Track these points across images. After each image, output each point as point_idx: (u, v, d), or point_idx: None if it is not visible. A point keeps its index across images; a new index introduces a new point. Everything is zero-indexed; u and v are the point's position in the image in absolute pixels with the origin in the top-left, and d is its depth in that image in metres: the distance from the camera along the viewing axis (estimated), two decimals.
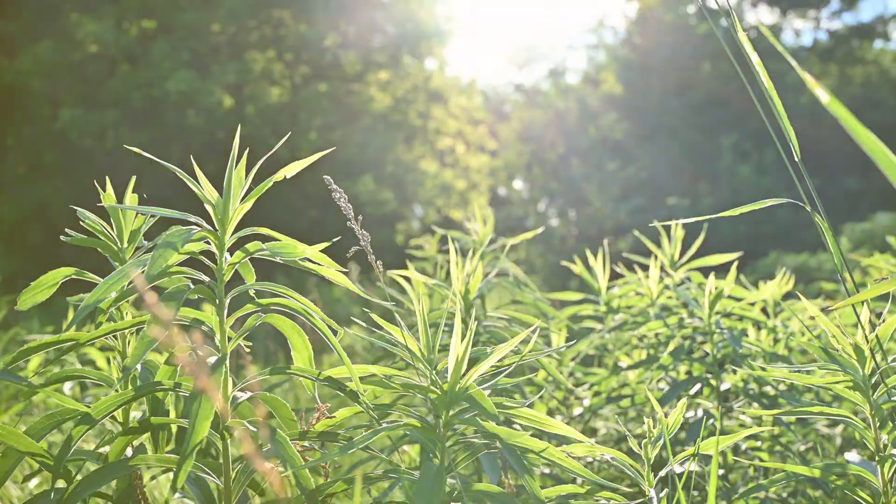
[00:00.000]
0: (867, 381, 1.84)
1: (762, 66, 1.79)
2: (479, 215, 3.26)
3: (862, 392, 1.84)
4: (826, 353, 1.92)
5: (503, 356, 1.58)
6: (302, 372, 1.63)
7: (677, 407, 1.81)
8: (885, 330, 1.88)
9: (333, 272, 1.61)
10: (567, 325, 3.62)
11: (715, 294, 2.81)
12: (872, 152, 1.03)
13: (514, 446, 1.54)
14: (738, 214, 1.87)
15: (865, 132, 1.03)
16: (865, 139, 1.03)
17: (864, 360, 1.84)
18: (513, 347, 1.61)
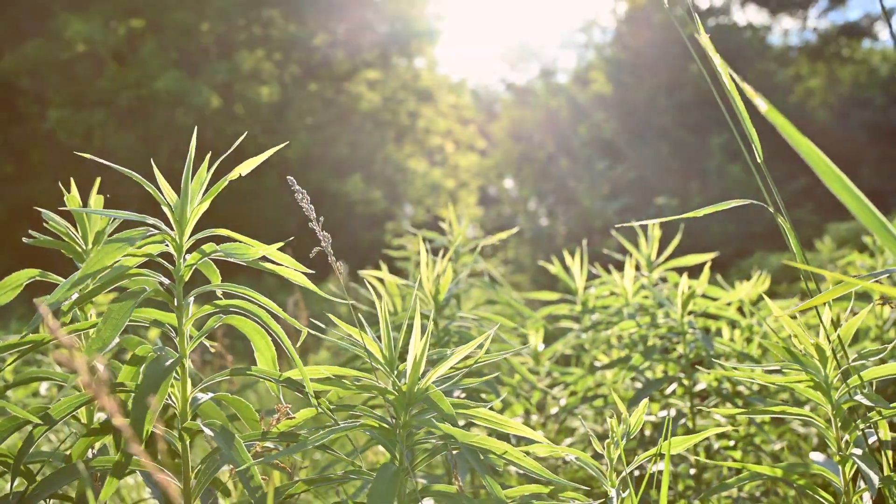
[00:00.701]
0: (829, 381, 1.85)
1: (725, 66, 1.79)
2: (453, 215, 3.26)
3: (823, 392, 1.85)
4: (790, 354, 1.93)
5: (463, 357, 1.58)
6: (262, 373, 1.63)
7: (639, 407, 1.82)
8: (847, 330, 1.89)
9: (292, 272, 1.61)
10: (545, 325, 3.62)
11: (687, 294, 2.82)
12: (810, 160, 1.04)
13: (473, 446, 1.54)
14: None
15: (803, 140, 1.03)
16: (804, 147, 1.04)
17: (825, 361, 1.84)
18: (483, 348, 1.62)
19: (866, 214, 1.02)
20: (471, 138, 28.45)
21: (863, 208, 1.03)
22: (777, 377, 1.91)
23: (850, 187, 1.03)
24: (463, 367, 1.71)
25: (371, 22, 25.54)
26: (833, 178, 1.04)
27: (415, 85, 26.29)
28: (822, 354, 1.85)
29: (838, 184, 1.04)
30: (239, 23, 23.09)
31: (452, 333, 2.34)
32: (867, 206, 1.03)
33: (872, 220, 1.02)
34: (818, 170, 1.03)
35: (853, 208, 1.04)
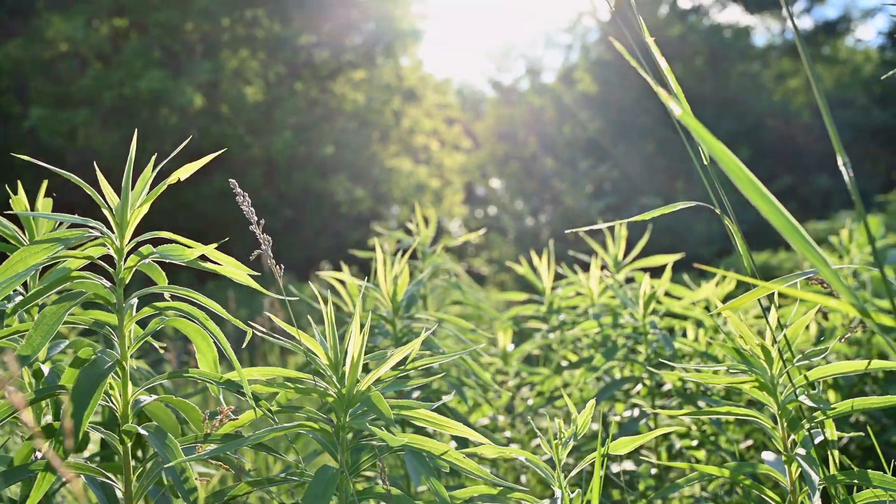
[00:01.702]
0: (775, 380, 1.86)
1: (670, 70, 1.80)
2: (420, 216, 3.26)
3: (769, 392, 1.86)
4: (739, 354, 1.94)
5: (403, 358, 1.59)
6: (202, 375, 1.63)
7: (586, 409, 1.82)
8: (794, 330, 1.90)
9: (234, 271, 1.61)
10: (517, 326, 3.63)
11: (648, 295, 2.82)
12: (725, 164, 1.04)
13: (411, 447, 1.54)
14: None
15: (717, 144, 1.04)
16: (718, 151, 1.04)
17: (770, 360, 1.86)
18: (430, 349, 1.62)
19: (779, 219, 1.03)
20: (456, 138, 28.45)
21: (776, 213, 1.03)
22: (718, 377, 1.92)
23: (763, 193, 1.04)
24: (411, 368, 1.71)
25: (356, 21, 25.51)
26: (747, 182, 1.04)
27: (400, 84, 26.27)
28: (768, 355, 1.86)
29: (752, 189, 1.04)
30: (223, 22, 23.02)
31: (412, 335, 2.34)
32: (780, 211, 1.04)
33: (785, 225, 1.03)
34: (732, 174, 1.04)
35: (766, 213, 1.04)
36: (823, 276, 1.14)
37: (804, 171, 29.39)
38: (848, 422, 3.59)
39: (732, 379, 1.87)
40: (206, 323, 1.57)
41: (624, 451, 1.82)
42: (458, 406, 3.24)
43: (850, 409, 1.81)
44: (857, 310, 1.07)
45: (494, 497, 1.75)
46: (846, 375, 3.53)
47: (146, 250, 1.58)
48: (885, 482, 1.69)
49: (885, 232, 7.83)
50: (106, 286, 1.60)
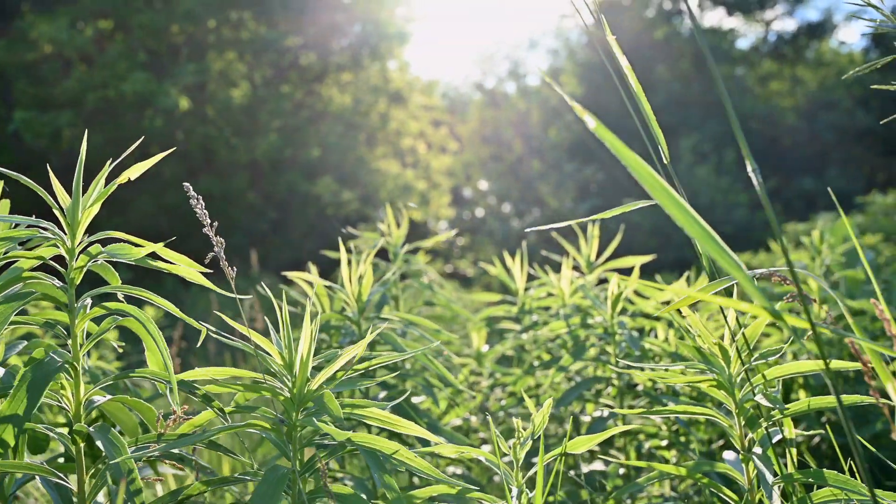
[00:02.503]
0: (733, 379, 1.86)
1: (632, 71, 1.80)
2: (391, 218, 3.25)
3: (727, 391, 1.86)
4: (699, 353, 1.94)
5: (361, 358, 1.59)
6: (152, 375, 1.62)
7: (543, 409, 1.82)
8: (753, 330, 1.90)
9: (188, 270, 1.61)
10: (491, 326, 3.63)
11: (616, 295, 2.83)
12: (638, 174, 1.04)
13: (363, 446, 1.54)
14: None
15: (631, 155, 1.04)
16: (632, 162, 1.04)
17: (728, 360, 1.86)
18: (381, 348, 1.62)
19: (693, 227, 1.03)
20: (443, 140, 28.46)
21: (691, 222, 1.04)
22: (677, 376, 1.93)
23: (678, 202, 1.04)
24: (364, 368, 1.71)
25: (342, 24, 25.50)
26: (662, 192, 1.04)
27: (386, 87, 26.27)
28: (725, 354, 1.86)
29: (668, 199, 1.04)
30: (209, 24, 22.98)
31: (378, 336, 2.33)
32: (695, 218, 1.04)
33: (700, 232, 1.03)
34: (648, 186, 1.04)
35: (681, 221, 1.04)
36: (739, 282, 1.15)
37: (788, 173, 29.51)
38: (820, 421, 3.60)
39: (689, 378, 1.87)
40: (146, 324, 1.56)
41: (581, 450, 1.83)
42: (433, 407, 3.24)
43: (806, 408, 1.81)
44: (769, 313, 1.07)
45: (454, 497, 1.75)
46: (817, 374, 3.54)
47: (95, 250, 1.57)
48: (839, 481, 1.70)
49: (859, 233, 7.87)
50: (58, 286, 1.59)
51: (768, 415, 1.84)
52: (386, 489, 1.62)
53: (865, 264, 1.32)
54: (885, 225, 8.08)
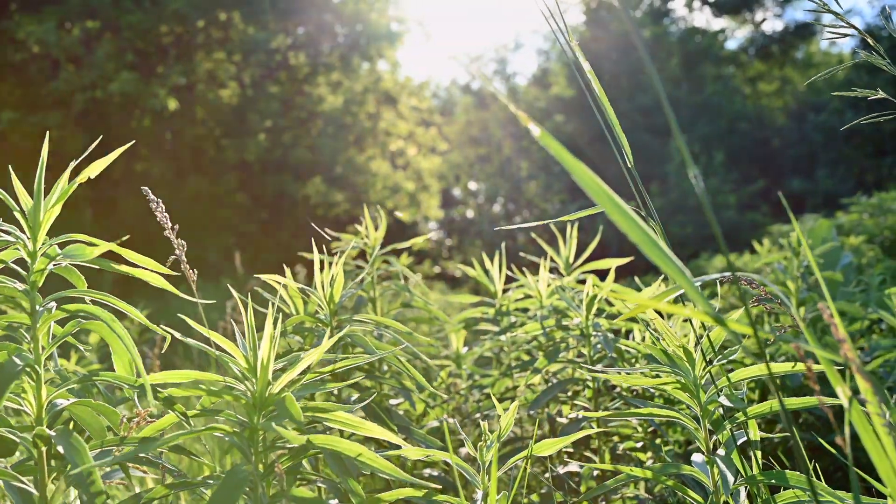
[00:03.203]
0: (697, 382, 1.87)
1: (594, 74, 1.81)
2: (369, 220, 3.26)
3: (691, 393, 1.87)
4: (666, 355, 1.95)
5: (311, 363, 1.59)
6: (116, 378, 1.62)
7: (509, 412, 1.83)
8: (718, 333, 1.91)
9: (149, 273, 1.61)
10: (468, 327, 3.64)
11: (591, 297, 2.84)
12: (584, 183, 1.05)
13: (327, 448, 1.55)
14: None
15: (577, 164, 1.04)
16: (577, 170, 1.05)
17: (692, 362, 1.87)
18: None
19: (637, 233, 1.04)
20: (433, 141, 28.47)
21: (634, 227, 1.04)
22: (644, 379, 1.93)
23: (623, 209, 1.05)
24: (329, 371, 1.72)
25: (331, 25, 25.49)
26: (607, 200, 1.05)
27: (375, 87, 26.27)
28: (689, 356, 1.87)
29: (612, 206, 1.05)
30: (197, 25, 22.94)
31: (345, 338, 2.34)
32: (638, 225, 1.05)
33: (642, 238, 1.04)
34: (593, 194, 1.04)
35: (625, 228, 1.05)
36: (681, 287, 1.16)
37: (777, 174, 29.63)
38: (797, 422, 3.62)
39: (652, 381, 1.88)
40: (112, 325, 1.56)
41: (547, 453, 1.83)
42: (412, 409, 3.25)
43: (768, 410, 1.82)
44: (712, 318, 1.08)
45: (421, 499, 1.75)
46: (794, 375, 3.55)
47: (52, 252, 1.57)
48: (801, 482, 1.71)
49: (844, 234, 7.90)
50: (20, 289, 1.59)
51: (732, 417, 1.85)
52: (350, 493, 1.63)
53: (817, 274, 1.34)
54: (869, 226, 8.11)
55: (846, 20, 2.04)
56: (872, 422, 1.21)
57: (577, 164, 1.02)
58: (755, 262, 7.15)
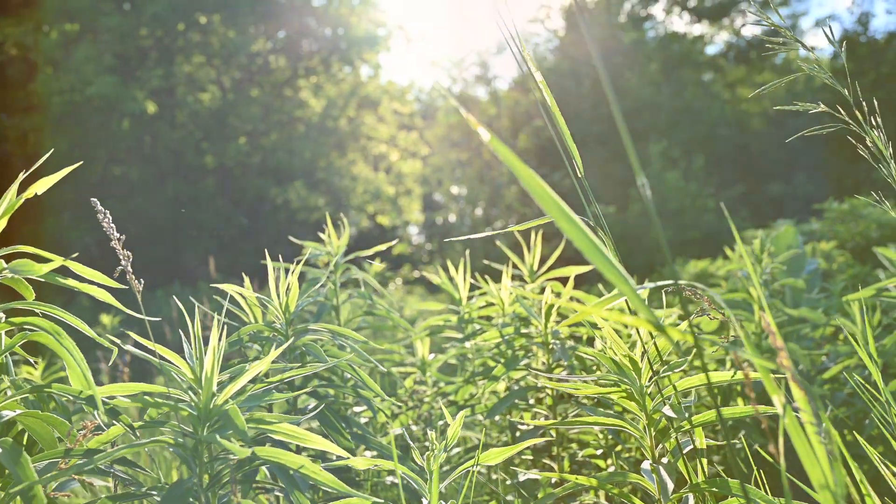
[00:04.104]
0: (643, 391, 1.89)
1: (545, 84, 1.83)
2: (331, 228, 3.27)
3: (637, 402, 1.89)
4: (615, 364, 1.98)
5: (256, 373, 1.60)
6: (65, 391, 1.63)
7: (456, 420, 1.85)
8: (665, 342, 1.94)
9: (91, 287, 1.62)
10: (434, 335, 3.65)
11: (549, 305, 2.86)
12: (533, 191, 1.07)
13: (273, 461, 1.56)
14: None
15: (525, 169, 1.06)
16: (524, 175, 1.07)
17: (638, 371, 1.89)
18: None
19: (582, 240, 1.06)
20: (413, 145, 28.47)
21: (579, 234, 1.06)
22: (592, 388, 1.95)
23: (569, 216, 1.07)
24: (277, 381, 1.73)
25: (311, 28, 25.47)
26: (553, 206, 1.07)
27: (357, 91, 26.26)
28: (636, 365, 1.90)
29: (558, 212, 1.07)
30: (177, 28, 22.88)
31: (300, 348, 2.35)
32: (584, 232, 1.07)
33: (587, 245, 1.06)
34: (540, 200, 1.06)
35: (571, 235, 1.07)
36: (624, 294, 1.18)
37: (757, 179, 29.79)
38: (760, 429, 3.65)
39: (600, 389, 1.91)
40: (60, 339, 1.57)
41: (494, 462, 1.85)
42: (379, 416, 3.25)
43: (714, 418, 1.85)
44: (653, 326, 1.10)
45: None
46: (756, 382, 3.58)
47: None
48: (757, 495, 1.73)
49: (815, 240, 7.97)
50: None
51: (678, 426, 1.87)
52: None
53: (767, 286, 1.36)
54: (841, 232, 8.18)
55: (790, 33, 2.07)
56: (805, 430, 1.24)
57: (526, 170, 1.04)
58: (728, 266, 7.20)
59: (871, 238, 7.97)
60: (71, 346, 1.58)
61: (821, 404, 1.64)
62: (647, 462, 2.07)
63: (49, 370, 4.43)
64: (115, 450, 1.50)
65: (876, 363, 3.25)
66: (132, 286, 1.58)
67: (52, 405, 2.24)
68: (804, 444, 1.21)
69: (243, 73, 24.71)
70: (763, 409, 1.61)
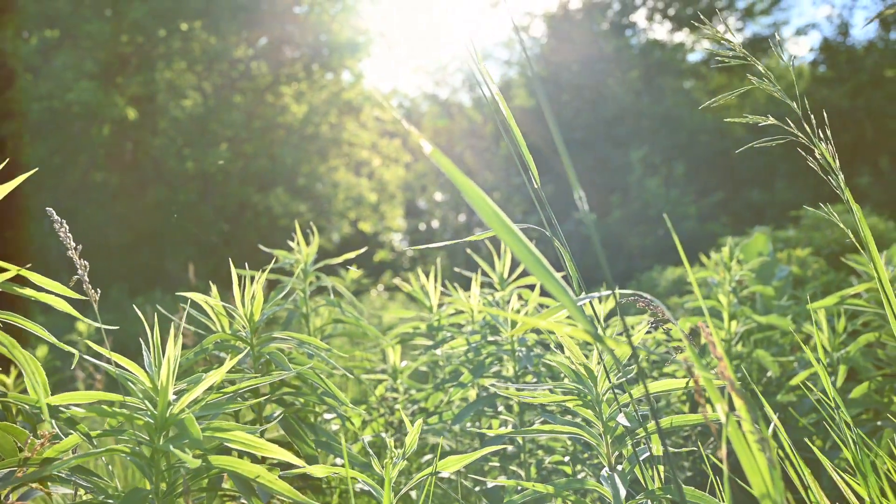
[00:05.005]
0: (599, 399, 1.92)
1: (501, 96, 1.85)
2: (300, 236, 3.28)
3: (594, 409, 1.92)
4: (573, 372, 2.00)
5: (212, 382, 1.61)
6: (20, 399, 1.64)
7: (414, 428, 1.87)
8: (623, 350, 1.96)
9: (49, 296, 1.62)
10: (402, 342, 3.67)
11: (515, 311, 2.88)
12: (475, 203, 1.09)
13: (227, 469, 1.57)
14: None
15: (467, 182, 1.08)
16: (463, 184, 1.09)
17: (594, 379, 1.92)
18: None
19: (522, 251, 1.08)
20: (396, 152, 28.49)
21: (519, 245, 1.09)
22: (550, 396, 1.98)
23: (509, 227, 1.09)
24: (233, 391, 1.74)
25: (292, 35, 25.46)
26: (493, 218, 1.09)
27: (339, 98, 26.25)
28: (591, 373, 1.92)
29: (498, 223, 1.09)
30: (159, 34, 22.82)
31: (265, 356, 2.36)
32: (524, 243, 1.09)
33: (527, 256, 1.08)
34: (481, 213, 1.08)
35: (511, 245, 1.09)
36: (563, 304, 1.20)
37: (737, 186, 29.97)
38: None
39: (555, 398, 1.93)
40: (12, 349, 1.58)
41: (451, 470, 1.87)
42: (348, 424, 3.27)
43: (669, 425, 1.87)
44: (591, 335, 1.12)
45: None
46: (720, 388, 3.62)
47: None
48: (696, 496, 1.76)
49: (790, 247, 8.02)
50: None
51: (633, 433, 1.90)
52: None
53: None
54: (816, 238, 8.24)
55: (736, 45, 2.10)
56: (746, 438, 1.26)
57: (468, 182, 1.06)
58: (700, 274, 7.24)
59: (846, 245, 8.03)
60: (26, 356, 1.59)
61: (760, 414, 1.67)
62: (605, 469, 2.10)
63: (21, 378, 4.43)
64: (69, 458, 1.52)
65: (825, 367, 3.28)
66: (90, 296, 1.60)
67: (20, 417, 2.25)
68: (745, 450, 1.24)
69: (225, 80, 24.68)
70: (712, 416, 1.64)
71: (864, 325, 3.76)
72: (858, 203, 2.28)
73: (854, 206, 2.06)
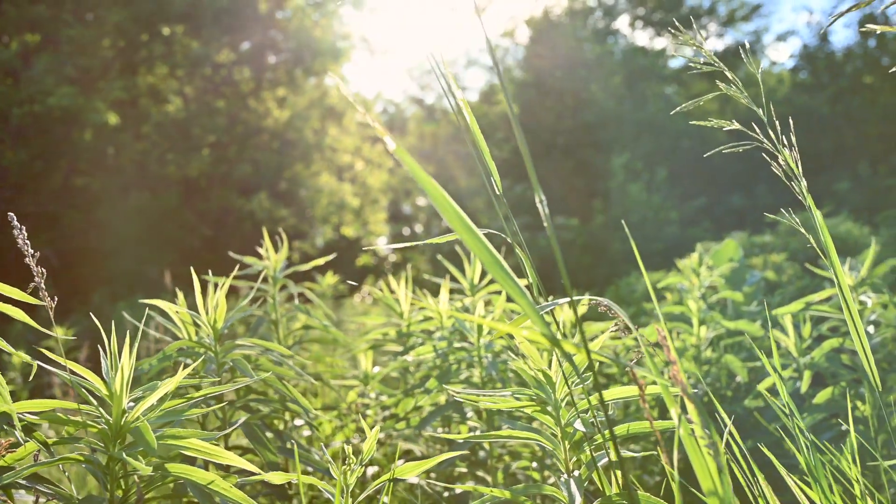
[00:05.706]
0: (558, 404, 1.93)
1: (467, 103, 1.87)
2: (269, 243, 3.29)
3: (552, 415, 1.93)
4: (533, 378, 2.02)
5: (167, 390, 1.62)
6: None
7: (371, 435, 1.88)
8: (581, 356, 1.98)
9: (9, 307, 1.63)
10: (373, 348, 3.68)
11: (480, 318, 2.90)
12: (439, 206, 1.11)
13: (182, 476, 1.58)
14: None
15: (431, 183, 1.10)
16: (427, 185, 1.11)
17: (552, 385, 1.94)
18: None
19: (483, 253, 1.10)
20: (380, 156, 28.48)
21: (481, 248, 1.11)
22: (508, 401, 1.99)
23: (471, 229, 1.11)
24: (198, 397, 1.75)
25: (275, 40, 25.44)
26: (458, 222, 1.11)
27: (321, 103, 26.24)
28: (549, 379, 1.94)
29: (461, 225, 1.11)
30: (141, 38, 22.76)
31: (229, 363, 2.37)
32: (486, 246, 1.11)
33: (488, 259, 1.10)
34: (444, 214, 1.10)
35: (473, 248, 1.11)
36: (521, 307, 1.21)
37: (719, 191, 30.10)
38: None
39: (515, 403, 1.94)
40: None
41: (410, 475, 1.88)
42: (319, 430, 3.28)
43: (626, 432, 1.89)
44: (548, 339, 1.14)
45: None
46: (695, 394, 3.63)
47: None
48: (650, 502, 1.78)
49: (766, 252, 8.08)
50: None
51: (591, 439, 1.92)
52: None
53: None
54: (792, 243, 8.31)
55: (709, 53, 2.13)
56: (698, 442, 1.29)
57: (433, 184, 1.08)
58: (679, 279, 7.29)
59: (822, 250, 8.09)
60: None
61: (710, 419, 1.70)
62: (564, 475, 2.12)
63: None
64: (24, 468, 1.52)
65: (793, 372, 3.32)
66: (47, 305, 1.60)
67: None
68: (697, 454, 1.27)
69: (207, 84, 24.62)
70: (662, 424, 1.66)
71: (831, 330, 3.80)
72: (838, 208, 2.31)
73: (815, 212, 2.08)
